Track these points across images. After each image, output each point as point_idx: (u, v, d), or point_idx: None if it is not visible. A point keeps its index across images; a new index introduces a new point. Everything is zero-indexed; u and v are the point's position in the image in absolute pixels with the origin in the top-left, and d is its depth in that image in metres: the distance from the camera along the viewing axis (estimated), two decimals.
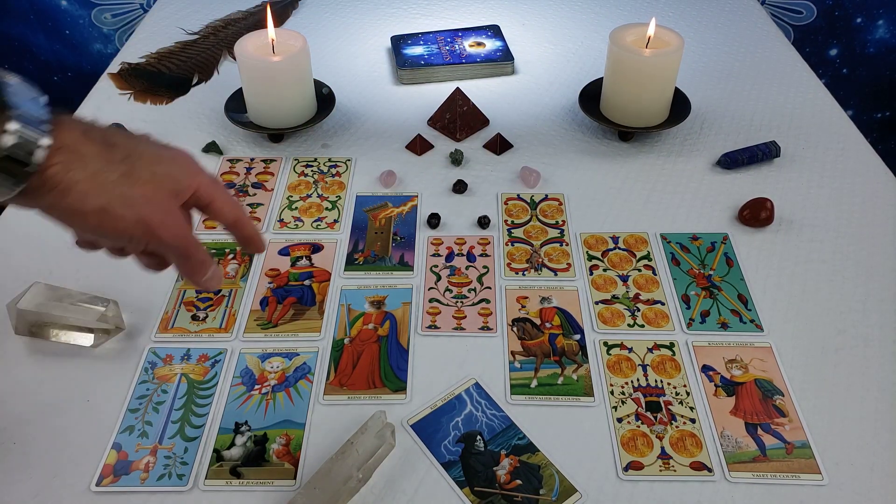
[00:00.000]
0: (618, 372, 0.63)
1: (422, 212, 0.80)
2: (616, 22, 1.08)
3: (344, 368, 0.63)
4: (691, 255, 0.74)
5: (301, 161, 0.87)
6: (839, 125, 0.92)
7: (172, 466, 0.56)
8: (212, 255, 0.74)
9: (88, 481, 0.55)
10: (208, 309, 0.68)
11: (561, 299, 0.70)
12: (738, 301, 0.69)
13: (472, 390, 0.62)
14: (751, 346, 0.65)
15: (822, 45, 1.41)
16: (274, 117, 0.87)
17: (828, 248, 0.75)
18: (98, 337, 0.64)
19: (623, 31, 0.86)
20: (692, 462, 0.56)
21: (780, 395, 0.61)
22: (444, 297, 0.70)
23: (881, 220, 0.78)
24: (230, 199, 0.52)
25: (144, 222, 0.47)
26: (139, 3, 1.43)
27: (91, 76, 1.03)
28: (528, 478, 0.55)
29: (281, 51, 0.84)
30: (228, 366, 0.64)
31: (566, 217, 0.79)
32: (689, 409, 0.60)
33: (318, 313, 0.68)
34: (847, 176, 0.84)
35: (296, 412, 0.60)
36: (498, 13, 1.15)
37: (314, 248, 0.75)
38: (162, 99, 0.94)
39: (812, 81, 1.01)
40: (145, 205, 0.47)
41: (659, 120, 0.88)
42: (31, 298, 0.63)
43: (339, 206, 0.81)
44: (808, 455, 0.57)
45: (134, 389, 0.62)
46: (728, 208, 0.79)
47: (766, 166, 0.86)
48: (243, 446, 0.57)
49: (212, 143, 0.89)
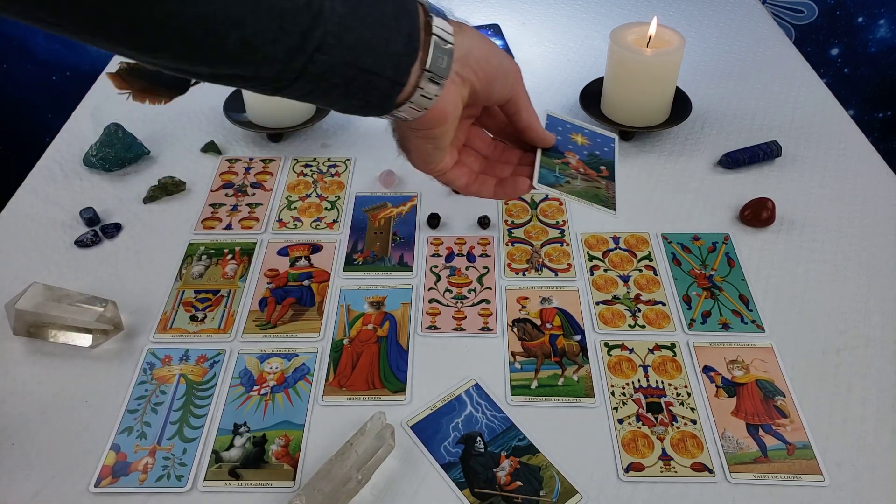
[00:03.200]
0: (618, 373, 0.63)
1: (421, 212, 0.79)
2: (617, 21, 1.08)
3: (343, 369, 0.63)
4: (692, 256, 0.74)
5: (300, 161, 0.87)
6: (840, 125, 0.92)
7: (171, 467, 0.56)
8: (211, 254, 0.74)
9: (87, 482, 0.55)
10: (207, 309, 0.68)
11: (561, 300, 0.69)
12: (739, 301, 0.69)
13: (472, 391, 0.61)
14: (752, 347, 0.65)
15: (823, 45, 1.41)
16: (273, 117, 0.87)
17: (829, 248, 0.74)
18: (97, 337, 0.64)
19: (624, 30, 0.86)
20: (693, 463, 0.56)
21: (782, 395, 0.61)
22: (444, 298, 0.70)
23: (882, 219, 0.78)
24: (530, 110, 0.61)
25: (514, 64, 0.57)
26: None
27: (90, 76, 1.03)
28: (529, 479, 0.55)
29: None
30: (227, 366, 0.63)
31: (567, 217, 0.79)
32: (690, 410, 0.60)
33: (317, 314, 0.68)
34: (848, 176, 0.84)
35: (295, 413, 0.60)
36: (498, 12, 1.15)
37: (313, 248, 0.75)
38: (161, 98, 0.93)
39: (813, 81, 1.00)
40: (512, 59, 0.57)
41: (660, 119, 0.87)
42: (29, 299, 0.63)
43: (338, 206, 0.80)
44: (810, 456, 0.56)
45: (132, 390, 0.61)
46: (729, 208, 0.79)
47: (768, 166, 0.85)
48: (242, 447, 0.57)
49: (210, 142, 0.88)
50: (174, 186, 0.81)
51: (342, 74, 0.48)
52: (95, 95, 0.98)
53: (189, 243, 0.75)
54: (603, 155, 0.71)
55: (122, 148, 0.84)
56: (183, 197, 0.81)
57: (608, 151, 0.70)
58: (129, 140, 0.85)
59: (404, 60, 0.50)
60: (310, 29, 0.45)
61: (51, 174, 0.84)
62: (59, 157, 0.87)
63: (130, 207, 0.80)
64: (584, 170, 0.67)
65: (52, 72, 1.50)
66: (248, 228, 0.77)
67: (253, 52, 0.45)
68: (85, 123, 0.92)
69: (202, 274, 0.72)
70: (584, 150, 0.70)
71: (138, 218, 0.78)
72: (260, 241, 0.76)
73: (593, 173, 0.66)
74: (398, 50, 0.49)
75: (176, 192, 0.82)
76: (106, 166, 0.83)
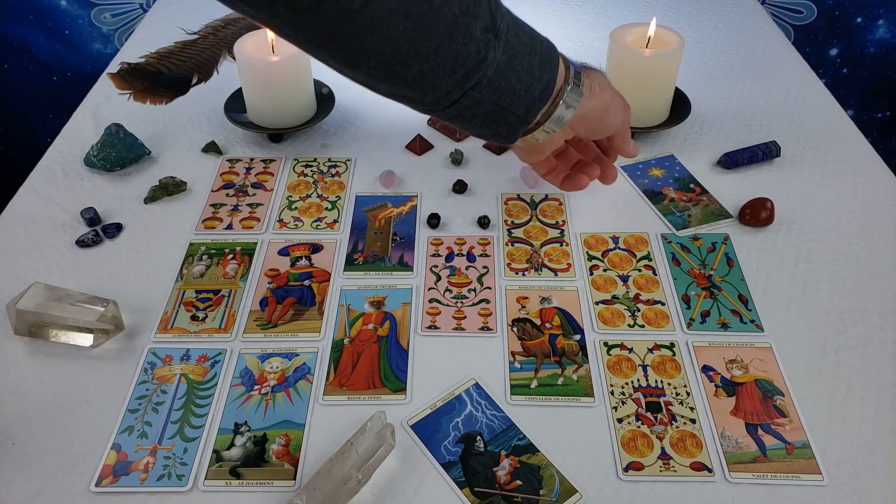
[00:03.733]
0: (618, 372, 0.63)
1: (422, 212, 0.80)
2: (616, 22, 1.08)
3: (343, 369, 0.63)
4: (692, 256, 0.74)
5: (301, 161, 0.87)
6: (839, 125, 0.92)
7: (172, 467, 0.56)
8: (212, 254, 0.74)
9: (88, 482, 0.55)
10: (208, 309, 0.68)
11: (561, 299, 0.70)
12: (738, 301, 0.69)
13: (472, 391, 0.61)
14: (751, 347, 0.65)
15: (822, 45, 1.41)
16: (273, 117, 0.87)
17: (828, 248, 0.74)
18: (97, 337, 0.64)
19: (623, 30, 0.86)
20: (692, 462, 0.56)
21: (781, 395, 0.61)
22: (444, 298, 0.70)
23: (881, 220, 0.78)
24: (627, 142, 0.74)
25: (623, 103, 0.69)
26: (139, 3, 1.43)
27: (90, 76, 1.03)
28: (529, 478, 0.55)
29: (280, 51, 0.84)
30: (228, 366, 0.64)
31: (566, 217, 0.79)
32: (689, 410, 0.60)
33: (317, 314, 0.68)
34: (847, 176, 0.84)
35: (295, 413, 0.60)
36: None
37: (314, 248, 0.75)
38: (161, 99, 0.94)
39: (812, 81, 1.01)
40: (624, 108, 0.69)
41: (659, 120, 0.88)
42: (30, 298, 0.63)
43: (338, 206, 0.81)
44: (809, 455, 0.56)
45: (133, 390, 0.61)
46: (729, 208, 0.79)
47: (767, 166, 0.86)
48: (243, 447, 0.57)
49: (211, 143, 0.88)
50: (175, 186, 0.82)
51: (486, 108, 0.60)
52: (96, 96, 0.98)
53: (190, 243, 0.75)
54: (680, 174, 0.82)
55: (123, 148, 0.84)
56: (184, 197, 0.82)
57: (680, 168, 0.79)
58: (130, 140, 0.85)
59: (536, 104, 0.62)
60: (472, 71, 0.57)
61: (52, 174, 0.84)
62: (60, 158, 0.87)
63: (131, 207, 0.80)
64: (686, 196, 0.80)
65: (53, 72, 1.50)
66: (249, 228, 0.77)
67: (425, 82, 0.57)
68: (86, 124, 0.93)
69: (203, 274, 0.72)
70: (668, 178, 0.81)
71: (139, 218, 0.79)
72: (260, 241, 0.76)
73: (692, 195, 0.75)
74: (534, 95, 0.61)
75: (177, 193, 0.82)
76: (107, 166, 0.84)
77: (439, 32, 0.54)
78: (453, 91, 0.58)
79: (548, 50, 0.62)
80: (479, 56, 0.56)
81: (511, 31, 0.59)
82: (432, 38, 0.54)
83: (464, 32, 0.55)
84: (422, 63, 0.56)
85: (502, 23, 0.58)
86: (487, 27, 0.57)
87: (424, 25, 0.54)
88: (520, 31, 0.60)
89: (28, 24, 1.43)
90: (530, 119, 0.63)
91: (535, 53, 0.60)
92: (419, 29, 0.54)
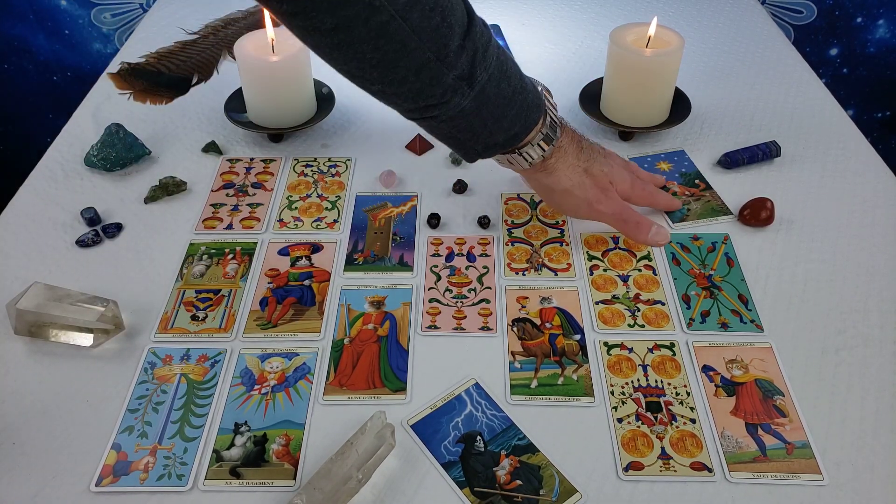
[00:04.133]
0: (618, 372, 0.63)
1: (422, 212, 0.80)
2: (616, 21, 1.09)
3: (344, 369, 0.63)
4: (692, 255, 0.74)
5: (301, 161, 0.87)
6: (839, 125, 0.92)
7: (172, 467, 0.56)
8: (212, 254, 0.74)
9: (88, 482, 0.55)
10: (208, 309, 0.68)
11: (561, 299, 0.70)
12: (738, 301, 0.69)
13: (472, 390, 0.61)
14: (751, 347, 0.65)
15: (822, 45, 1.41)
16: (274, 117, 0.87)
17: (828, 248, 0.74)
18: (97, 337, 0.64)
19: (623, 30, 0.86)
20: (692, 462, 0.56)
21: (781, 395, 0.61)
22: (444, 298, 0.70)
23: (881, 219, 0.78)
24: (643, 192, 0.75)
25: (588, 201, 0.71)
26: (139, 3, 1.43)
27: (90, 76, 1.03)
28: (529, 478, 0.55)
29: (280, 50, 0.84)
30: (228, 366, 0.64)
31: (566, 217, 0.79)
32: (689, 410, 0.60)
33: (317, 313, 0.68)
34: (847, 176, 0.84)
35: (295, 412, 0.60)
36: (498, 13, 1.15)
37: (314, 248, 0.75)
38: (162, 99, 0.94)
39: (812, 81, 1.01)
40: (591, 188, 0.70)
41: (659, 120, 0.88)
42: (30, 298, 0.63)
43: (338, 206, 0.81)
44: (809, 455, 0.56)
45: (133, 389, 0.61)
46: (730, 206, 0.79)
47: (767, 166, 0.86)
48: (243, 447, 0.57)
49: (211, 142, 0.88)
50: (175, 186, 0.82)
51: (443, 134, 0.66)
52: (96, 96, 0.98)
53: (190, 243, 0.76)
54: (688, 169, 0.83)
55: (123, 148, 0.84)
56: (184, 197, 0.82)
57: (689, 164, 0.79)
58: (130, 140, 0.85)
59: (495, 149, 0.67)
60: (433, 107, 0.61)
61: (52, 174, 0.84)
62: (60, 157, 0.87)
63: (131, 207, 0.80)
64: (689, 191, 0.80)
65: (53, 72, 1.50)
66: (249, 228, 0.77)
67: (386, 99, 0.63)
68: (86, 123, 0.93)
69: (203, 274, 0.72)
70: (674, 173, 0.82)
71: (139, 218, 0.79)
72: (261, 240, 0.76)
73: (696, 191, 0.75)
74: (497, 140, 0.66)
75: (177, 192, 0.82)
76: (107, 166, 0.84)
77: (406, 69, 0.58)
78: (413, 112, 0.63)
79: (532, 105, 0.65)
80: (444, 98, 0.60)
81: (492, 83, 0.61)
82: (398, 71, 0.58)
83: (433, 76, 0.59)
84: (385, 86, 0.60)
85: (482, 75, 0.60)
86: (463, 76, 0.60)
87: (392, 59, 0.57)
88: (503, 84, 0.63)
89: (28, 24, 1.43)
90: (488, 156, 0.68)
91: (512, 106, 0.63)
92: (386, 61, 0.57)
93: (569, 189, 0.70)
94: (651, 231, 0.71)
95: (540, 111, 0.66)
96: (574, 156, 0.70)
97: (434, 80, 0.59)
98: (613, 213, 0.71)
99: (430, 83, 0.59)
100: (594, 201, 0.70)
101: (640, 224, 0.71)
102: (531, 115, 0.65)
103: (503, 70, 0.62)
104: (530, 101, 0.65)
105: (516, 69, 0.65)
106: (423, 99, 0.60)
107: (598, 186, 0.71)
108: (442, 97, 0.60)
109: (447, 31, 0.57)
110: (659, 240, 0.71)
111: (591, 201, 0.70)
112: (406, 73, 0.58)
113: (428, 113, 0.62)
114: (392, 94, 0.61)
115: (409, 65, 0.58)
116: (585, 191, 0.70)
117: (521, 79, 0.65)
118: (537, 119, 0.66)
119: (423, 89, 0.59)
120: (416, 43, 0.56)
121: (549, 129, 0.67)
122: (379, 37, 0.56)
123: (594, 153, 0.72)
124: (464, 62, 0.59)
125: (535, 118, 0.66)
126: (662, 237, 0.71)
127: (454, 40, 0.58)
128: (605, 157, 0.73)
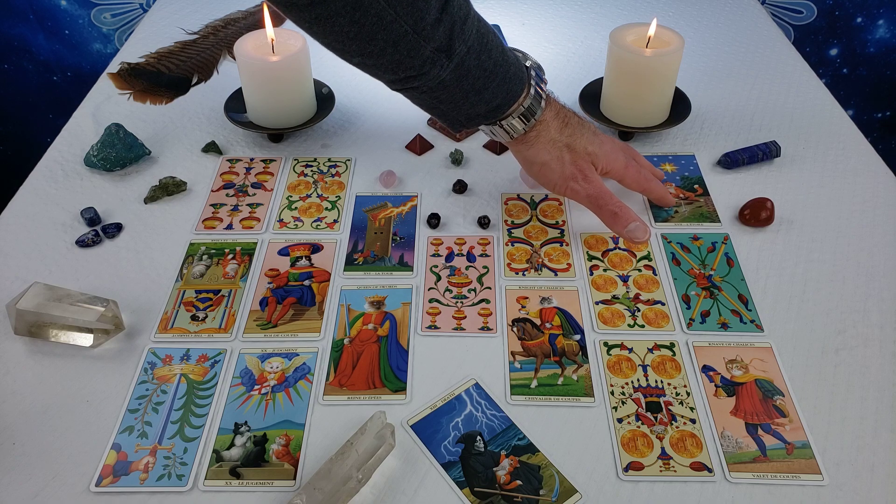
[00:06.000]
0: (618, 372, 0.63)
1: (422, 212, 0.80)
2: (616, 22, 1.09)
3: (344, 369, 0.63)
4: (692, 255, 0.74)
5: (301, 161, 0.87)
6: (839, 125, 0.92)
7: (172, 467, 0.56)
8: (212, 254, 0.74)
9: (88, 482, 0.55)
10: (208, 309, 0.68)
11: (561, 299, 0.70)
12: (738, 301, 0.69)
13: (472, 391, 0.61)
14: (751, 347, 0.65)
15: (822, 45, 1.41)
16: (273, 117, 0.87)
17: (828, 248, 0.74)
18: (97, 337, 0.64)
19: (623, 30, 0.86)
20: (692, 462, 0.56)
21: (781, 395, 0.61)
22: (444, 298, 0.70)
23: (881, 219, 0.78)
24: (638, 176, 0.74)
25: (564, 177, 0.70)
26: (139, 3, 1.43)
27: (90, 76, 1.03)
28: (528, 478, 0.55)
29: (280, 51, 0.84)
30: (228, 366, 0.64)
31: (566, 217, 0.79)
32: (689, 410, 0.60)
33: (317, 313, 0.68)
34: (847, 176, 0.84)
35: (295, 412, 0.60)
36: (498, 13, 1.15)
37: (314, 248, 0.75)
38: (161, 99, 0.94)
39: (812, 81, 1.01)
40: (569, 165, 0.70)
41: (659, 120, 0.88)
42: (30, 298, 0.63)
43: (338, 206, 0.81)
44: (809, 455, 0.56)
45: (133, 390, 0.61)
46: (728, 208, 0.79)
47: (767, 166, 0.86)
48: (243, 447, 0.57)
49: (211, 143, 0.88)
50: (175, 186, 0.82)
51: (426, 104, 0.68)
52: (96, 96, 0.98)
53: (190, 243, 0.76)
54: (691, 174, 0.83)
55: (122, 148, 0.84)
56: (184, 197, 0.82)
57: (694, 169, 0.79)
58: (130, 140, 0.85)
59: (478, 119, 0.69)
60: (412, 78, 0.63)
61: (52, 174, 0.84)
62: (59, 158, 0.87)
63: (131, 207, 0.80)
64: (683, 194, 0.80)
65: (53, 72, 1.50)
66: (249, 228, 0.77)
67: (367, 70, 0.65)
68: (86, 123, 0.93)
69: (203, 274, 0.72)
70: (676, 176, 0.81)
71: (139, 218, 0.79)
72: (260, 240, 0.76)
73: (691, 195, 0.74)
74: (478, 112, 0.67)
75: (177, 192, 0.82)
76: (107, 166, 0.84)
77: (384, 41, 0.60)
78: (393, 83, 0.66)
79: (514, 78, 0.66)
80: (422, 70, 0.62)
81: (471, 55, 0.62)
82: (376, 44, 0.60)
83: (410, 48, 0.60)
84: (364, 58, 0.63)
85: (461, 47, 0.62)
86: (441, 48, 0.61)
87: (370, 32, 0.59)
88: (483, 56, 0.64)
89: (28, 24, 1.43)
90: (471, 126, 0.70)
91: (493, 78, 0.64)
92: (363, 34, 0.60)
93: (546, 162, 0.70)
94: (629, 225, 0.70)
95: (523, 84, 0.67)
96: (557, 130, 0.70)
97: (412, 52, 0.61)
98: (588, 195, 0.71)
99: (409, 55, 0.61)
100: (569, 178, 0.70)
101: (617, 215, 0.70)
102: (514, 88, 0.66)
103: (483, 43, 0.64)
104: (512, 73, 0.66)
105: (497, 42, 0.66)
106: (403, 70, 0.62)
107: (577, 165, 0.70)
108: (421, 69, 0.62)
109: (423, 5, 0.59)
110: (636, 236, 0.70)
111: (567, 177, 0.70)
112: (384, 46, 0.60)
113: (409, 84, 0.64)
114: (372, 66, 0.64)
115: (387, 37, 0.59)
116: (563, 166, 0.70)
117: (503, 52, 0.66)
118: (520, 92, 0.67)
119: (401, 61, 0.61)
120: (392, 16, 0.58)
121: (532, 101, 0.68)
122: (355, 10, 0.58)
123: (582, 130, 0.71)
124: (441, 34, 0.60)
125: (517, 90, 0.66)
126: (641, 233, 0.70)
127: (430, 13, 0.59)
128: (594, 135, 0.72)
